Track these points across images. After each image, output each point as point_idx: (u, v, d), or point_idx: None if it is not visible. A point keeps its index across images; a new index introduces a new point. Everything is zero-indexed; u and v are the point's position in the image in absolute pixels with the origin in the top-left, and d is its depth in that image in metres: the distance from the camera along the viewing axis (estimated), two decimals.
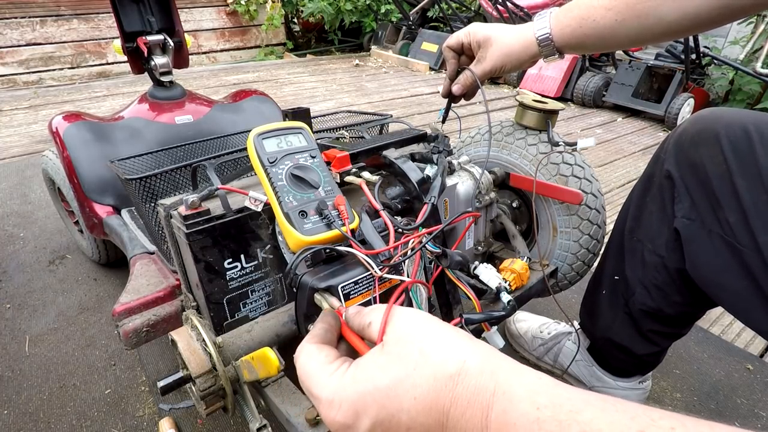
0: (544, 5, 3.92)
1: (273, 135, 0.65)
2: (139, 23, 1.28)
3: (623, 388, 1.02)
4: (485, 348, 0.32)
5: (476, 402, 0.29)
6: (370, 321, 0.38)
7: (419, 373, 0.31)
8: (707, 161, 0.70)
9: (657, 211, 0.80)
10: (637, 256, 0.85)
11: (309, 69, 4.58)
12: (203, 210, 0.67)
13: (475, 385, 0.30)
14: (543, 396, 0.28)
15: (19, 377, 1.14)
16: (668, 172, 0.76)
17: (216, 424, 1.02)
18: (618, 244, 0.90)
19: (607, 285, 0.94)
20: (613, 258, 0.92)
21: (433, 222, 0.73)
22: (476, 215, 0.89)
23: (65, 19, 3.94)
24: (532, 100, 0.98)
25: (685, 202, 0.74)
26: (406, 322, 0.35)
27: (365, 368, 0.34)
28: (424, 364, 0.32)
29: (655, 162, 0.81)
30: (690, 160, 0.73)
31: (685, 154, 0.74)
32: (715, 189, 0.69)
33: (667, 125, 3.12)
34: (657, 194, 0.80)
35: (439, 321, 0.36)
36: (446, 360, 0.31)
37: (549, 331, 1.16)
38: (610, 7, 0.65)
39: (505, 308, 0.75)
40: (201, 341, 0.62)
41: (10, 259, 1.59)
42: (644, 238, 0.83)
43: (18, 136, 2.72)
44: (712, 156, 0.69)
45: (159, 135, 1.32)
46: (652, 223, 0.81)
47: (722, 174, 0.68)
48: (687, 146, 0.74)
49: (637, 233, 0.85)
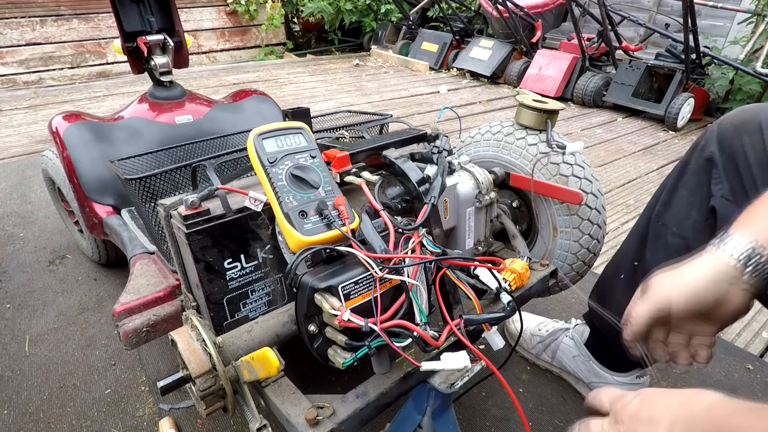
0: (544, 5, 3.92)
1: (273, 135, 0.65)
2: (139, 23, 1.28)
3: (621, 383, 1.02)
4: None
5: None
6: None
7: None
8: (749, 149, 0.73)
9: (688, 195, 0.82)
10: (660, 240, 0.87)
11: (309, 69, 4.58)
12: (203, 210, 0.67)
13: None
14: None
15: (19, 377, 1.14)
16: (711, 154, 0.78)
17: (216, 424, 1.02)
18: (643, 228, 0.91)
19: (626, 270, 0.95)
20: (635, 243, 0.93)
21: (433, 222, 0.73)
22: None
23: (65, 19, 3.94)
24: (532, 100, 0.98)
25: (724, 183, 0.76)
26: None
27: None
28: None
29: (694, 150, 0.83)
30: (731, 148, 0.75)
31: (728, 142, 0.76)
32: (755, 176, 0.71)
33: (667, 125, 3.12)
34: (691, 179, 0.82)
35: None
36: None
37: (547, 329, 1.16)
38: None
39: (506, 309, 0.75)
40: (201, 341, 0.61)
41: (10, 258, 1.59)
42: (670, 222, 0.85)
43: (18, 136, 2.72)
44: (754, 144, 0.72)
45: (159, 135, 1.32)
46: (681, 207, 0.83)
47: (762, 161, 0.71)
48: (730, 134, 0.76)
49: (663, 218, 0.87)
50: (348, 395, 0.64)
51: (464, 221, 0.89)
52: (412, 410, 0.76)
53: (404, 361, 0.67)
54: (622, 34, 3.57)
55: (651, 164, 2.55)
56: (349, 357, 0.56)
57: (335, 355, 0.57)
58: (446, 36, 4.58)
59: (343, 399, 0.63)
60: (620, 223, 1.92)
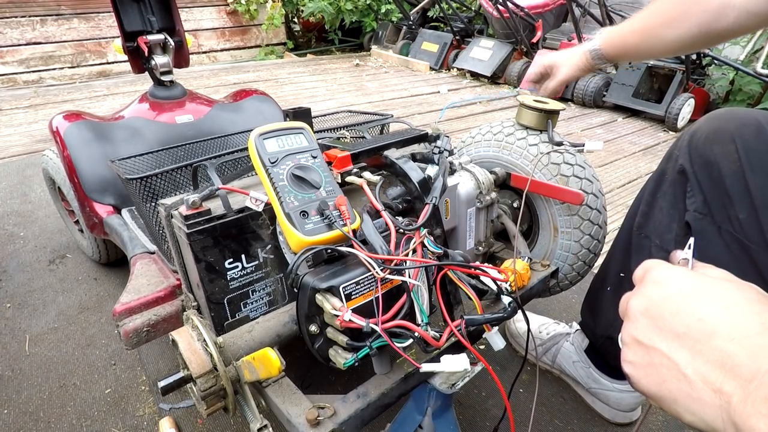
0: (544, 5, 3.92)
1: (274, 135, 0.65)
2: (140, 23, 1.28)
3: (620, 390, 1.02)
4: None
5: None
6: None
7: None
8: (721, 159, 0.71)
9: (667, 207, 0.81)
10: (644, 253, 0.86)
11: (309, 69, 4.58)
12: (204, 210, 0.67)
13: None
14: None
15: (20, 377, 1.14)
16: (682, 167, 0.77)
17: (216, 424, 1.02)
18: (625, 241, 0.91)
19: (612, 282, 0.94)
20: (620, 255, 0.92)
21: (434, 222, 0.73)
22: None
23: (65, 19, 3.93)
24: (533, 100, 0.98)
25: (697, 197, 0.75)
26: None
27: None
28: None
29: (668, 159, 0.82)
30: (704, 158, 0.74)
31: (699, 152, 0.75)
32: (728, 186, 0.70)
33: (668, 125, 3.12)
34: (669, 190, 0.81)
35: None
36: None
37: (548, 332, 1.16)
38: (636, 30, 0.88)
39: (506, 309, 0.75)
40: (202, 341, 0.61)
41: (11, 258, 1.59)
42: (652, 234, 0.84)
43: (18, 136, 2.72)
44: (726, 154, 0.70)
45: (159, 134, 1.32)
46: (662, 219, 0.82)
47: (735, 171, 0.69)
48: (701, 144, 0.75)
49: (645, 230, 0.86)
50: (349, 395, 0.64)
51: (465, 221, 0.89)
52: (412, 410, 0.76)
53: (405, 362, 0.67)
54: None
55: (651, 165, 2.55)
56: (350, 357, 0.56)
57: (336, 356, 0.57)
58: (446, 36, 4.58)
59: (344, 399, 0.63)
60: (621, 224, 1.92)
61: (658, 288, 0.37)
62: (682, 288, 0.36)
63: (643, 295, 0.38)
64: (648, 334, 0.36)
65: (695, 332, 0.33)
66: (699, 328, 0.33)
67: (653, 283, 0.38)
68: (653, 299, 0.37)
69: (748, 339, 0.30)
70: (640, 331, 0.37)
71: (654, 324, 0.36)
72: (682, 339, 0.33)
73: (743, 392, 0.29)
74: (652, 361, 0.35)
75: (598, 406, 1.06)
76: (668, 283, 0.37)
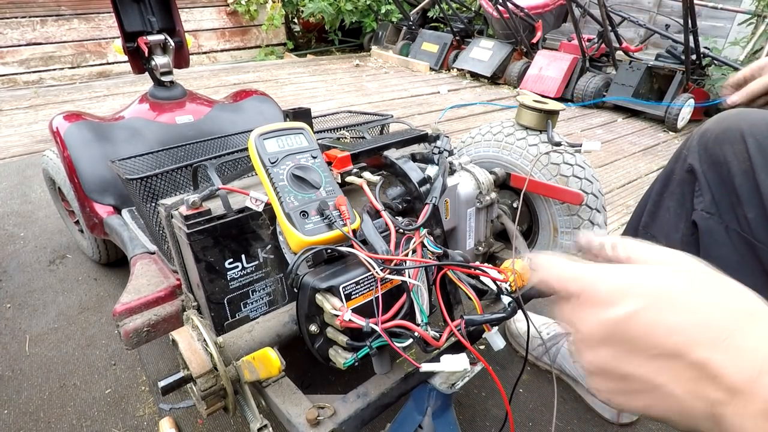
0: (544, 6, 3.92)
1: (274, 135, 0.65)
2: (140, 23, 1.28)
3: None
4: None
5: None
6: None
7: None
8: (731, 158, 0.71)
9: (675, 207, 0.81)
10: None
11: (309, 69, 4.58)
12: (204, 210, 0.67)
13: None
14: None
15: (20, 377, 1.14)
16: (691, 166, 0.77)
17: (216, 424, 1.02)
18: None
19: None
20: None
21: (434, 222, 0.73)
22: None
23: (65, 19, 3.93)
24: (533, 100, 0.98)
25: (705, 196, 0.75)
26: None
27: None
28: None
29: (677, 159, 0.82)
30: (713, 157, 0.74)
31: (709, 151, 0.75)
32: (737, 185, 0.70)
33: (668, 126, 3.12)
34: (676, 189, 0.81)
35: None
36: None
37: (548, 332, 1.16)
38: None
39: (506, 309, 0.75)
40: (202, 341, 0.61)
41: (11, 258, 1.59)
42: (659, 233, 0.84)
43: (18, 136, 2.72)
44: (736, 153, 0.71)
45: (160, 135, 1.32)
46: (669, 219, 0.82)
47: (745, 171, 0.69)
48: (711, 143, 0.75)
49: (651, 229, 0.86)
50: (349, 395, 0.64)
51: (465, 221, 0.90)
52: (412, 410, 0.76)
53: (405, 362, 0.67)
54: (623, 35, 3.57)
55: (651, 165, 2.55)
56: (350, 357, 0.56)
57: (336, 356, 0.57)
58: (446, 36, 4.58)
59: (344, 399, 0.64)
60: (620, 224, 1.92)
61: (611, 310, 0.33)
62: (636, 303, 0.32)
63: (597, 322, 0.33)
64: (615, 363, 0.33)
65: (671, 350, 0.30)
66: (673, 345, 0.30)
67: (603, 305, 0.33)
68: (608, 326, 0.33)
69: (726, 341, 0.29)
70: (607, 361, 0.33)
71: (620, 351, 0.32)
72: (658, 360, 0.31)
73: (737, 401, 0.28)
74: (630, 388, 0.33)
75: (598, 407, 1.06)
76: (620, 302, 0.33)
